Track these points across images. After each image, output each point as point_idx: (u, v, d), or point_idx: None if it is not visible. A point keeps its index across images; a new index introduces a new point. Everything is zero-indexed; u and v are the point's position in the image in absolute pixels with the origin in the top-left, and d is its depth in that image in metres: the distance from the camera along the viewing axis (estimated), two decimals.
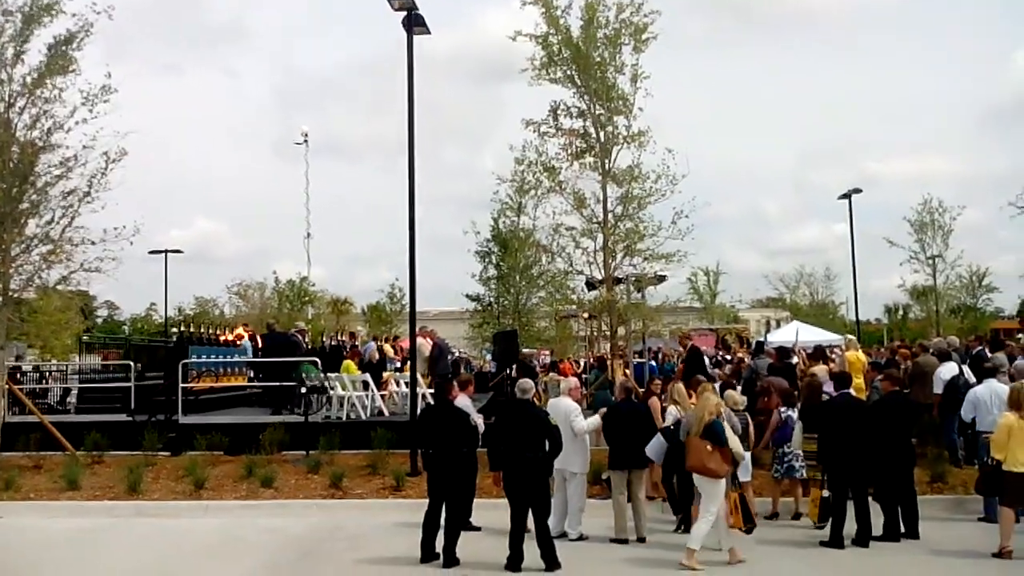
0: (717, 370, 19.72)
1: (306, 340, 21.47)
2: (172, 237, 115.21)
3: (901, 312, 62.46)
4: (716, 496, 9.23)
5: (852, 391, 10.93)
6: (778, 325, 52.17)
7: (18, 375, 21.32)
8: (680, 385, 11.68)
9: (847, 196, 34.87)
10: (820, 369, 13.64)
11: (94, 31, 15.23)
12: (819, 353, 15.70)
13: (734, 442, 9.58)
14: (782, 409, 11.56)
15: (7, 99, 14.95)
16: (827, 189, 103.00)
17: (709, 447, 9.20)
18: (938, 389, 13.31)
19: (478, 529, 10.80)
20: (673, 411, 11.04)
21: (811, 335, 29.55)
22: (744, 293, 67.39)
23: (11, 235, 14.82)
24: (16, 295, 15.32)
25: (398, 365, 21.62)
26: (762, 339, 28.45)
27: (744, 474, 10.54)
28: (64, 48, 15.15)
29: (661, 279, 16.25)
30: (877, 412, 10.63)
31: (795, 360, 18.16)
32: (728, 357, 28.32)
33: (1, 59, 14.91)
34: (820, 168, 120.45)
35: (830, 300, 59.22)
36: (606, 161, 15.55)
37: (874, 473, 10.18)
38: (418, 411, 13.73)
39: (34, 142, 15.04)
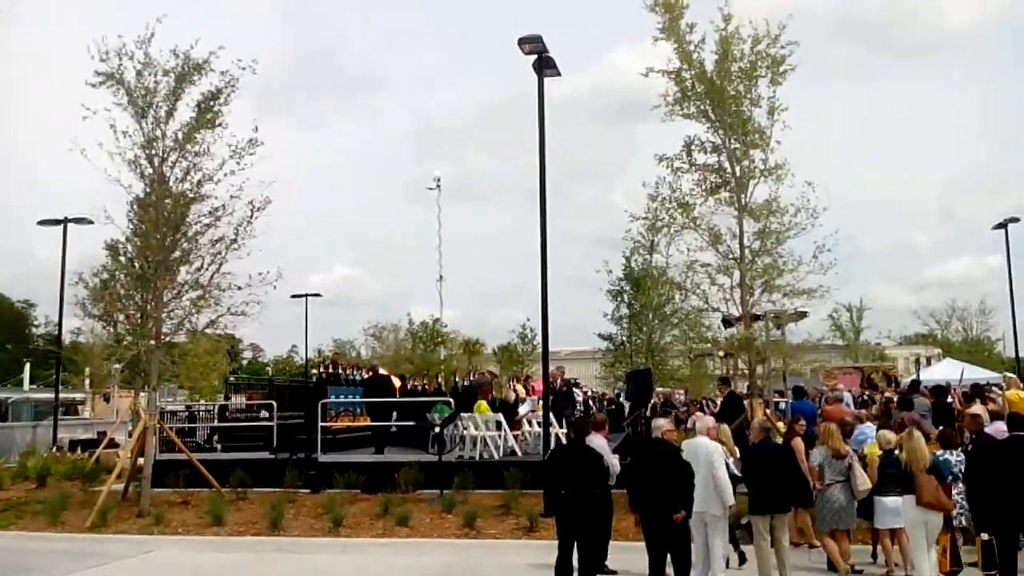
0: (863, 410, 18.71)
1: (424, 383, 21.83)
2: (313, 281, 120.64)
3: None
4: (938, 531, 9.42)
5: None
6: (928, 362, 49.40)
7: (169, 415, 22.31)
8: (725, 426, 11.70)
9: (1003, 226, 33.00)
10: (981, 409, 12.71)
11: (239, 86, 16.04)
12: (977, 392, 14.67)
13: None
14: (938, 452, 10.79)
15: (161, 154, 15.82)
16: (977, 219, 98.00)
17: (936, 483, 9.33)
18: None
19: (614, 573, 10.52)
20: (820, 452, 10.50)
21: (972, 374, 27.86)
22: (891, 329, 64.35)
23: (164, 282, 15.61)
24: (168, 338, 16.07)
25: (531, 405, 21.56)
26: (916, 378, 26.98)
27: (898, 520, 10.00)
28: (212, 103, 15.97)
29: (802, 315, 15.62)
30: None
31: (950, 399, 17.09)
32: (875, 397, 26.94)
33: (156, 117, 15.83)
34: (969, 198, 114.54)
35: (985, 336, 55.86)
36: (742, 196, 15.12)
37: None
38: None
39: (185, 193, 15.86)
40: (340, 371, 22.29)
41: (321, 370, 22.49)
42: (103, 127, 15.46)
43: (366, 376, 22.21)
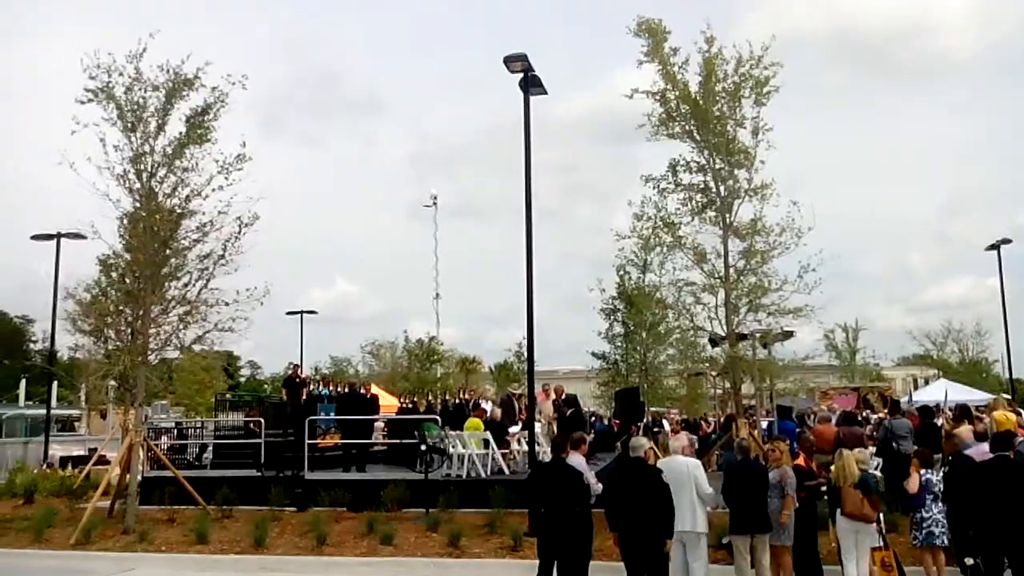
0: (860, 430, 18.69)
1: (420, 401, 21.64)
2: (314, 297, 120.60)
3: None
4: (870, 541, 9.92)
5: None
6: (925, 383, 49.35)
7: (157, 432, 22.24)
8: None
9: (996, 247, 33.08)
10: (964, 430, 12.67)
11: (229, 101, 16.10)
12: (964, 413, 14.65)
13: None
14: (922, 471, 10.78)
15: (150, 169, 15.84)
16: (975, 241, 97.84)
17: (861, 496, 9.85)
18: None
19: None
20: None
21: (960, 394, 27.85)
22: (888, 350, 64.31)
23: (152, 297, 15.62)
24: (155, 355, 16.05)
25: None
26: (899, 399, 27.00)
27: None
28: (201, 118, 16.03)
29: (788, 335, 15.62)
30: None
31: (940, 421, 17.06)
32: (871, 417, 26.92)
33: (145, 132, 15.87)
34: (967, 220, 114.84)
35: (982, 357, 55.67)
36: (727, 215, 15.19)
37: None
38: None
39: (174, 209, 15.89)
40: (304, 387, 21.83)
41: (311, 386, 22.29)
42: (94, 141, 15.54)
43: (339, 391, 22.12)
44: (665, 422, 29.68)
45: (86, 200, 15.37)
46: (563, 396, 21.07)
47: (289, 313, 46.79)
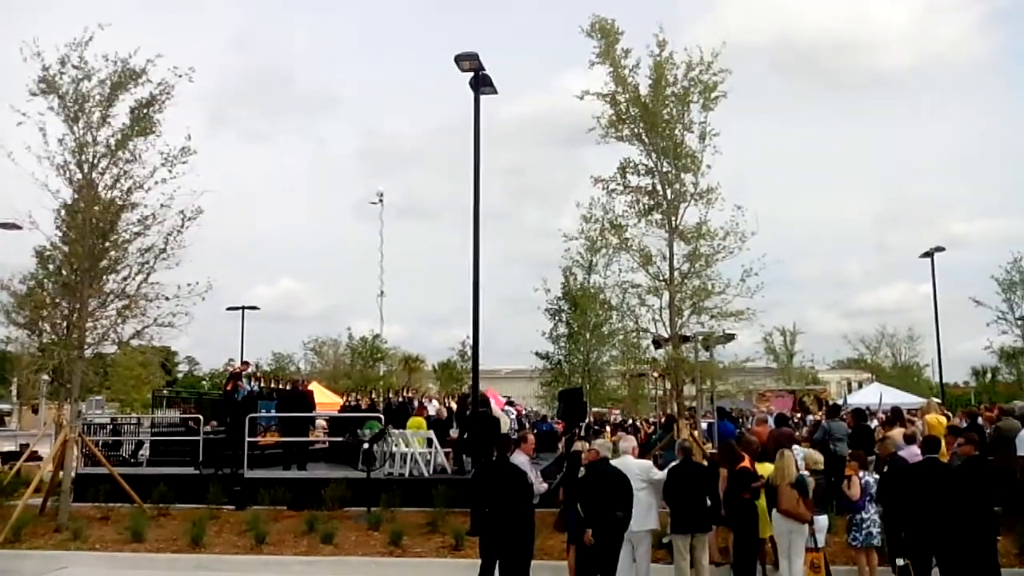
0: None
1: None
2: (259, 294, 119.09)
3: (989, 375, 59.99)
4: (803, 541, 10.05)
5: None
6: (860, 387, 50.58)
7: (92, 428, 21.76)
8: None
9: (929, 255, 33.98)
10: (896, 432, 13.02)
11: (175, 94, 15.85)
12: (896, 416, 15.06)
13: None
14: (861, 474, 11.04)
15: (92, 160, 15.51)
16: (910, 249, 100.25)
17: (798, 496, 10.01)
18: (1022, 452, 12.60)
19: None
20: None
21: (894, 398, 28.59)
22: (825, 354, 65.67)
23: (90, 291, 15.29)
24: (91, 349, 15.71)
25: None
26: (839, 402, 27.60)
27: (820, 539, 10.36)
28: (146, 111, 15.75)
29: (729, 337, 15.82)
30: (960, 477, 10.05)
31: (874, 424, 17.49)
32: (806, 419, 27.51)
33: (88, 123, 15.53)
34: (902, 229, 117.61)
35: (914, 362, 57.32)
36: (673, 218, 15.32)
37: (957, 541, 9.59)
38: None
39: (114, 200, 15.58)
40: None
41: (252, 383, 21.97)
42: (33, 130, 15.17)
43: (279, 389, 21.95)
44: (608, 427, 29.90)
45: (23, 190, 15.00)
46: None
47: (230, 309, 46.03)
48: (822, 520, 10.57)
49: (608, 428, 29.06)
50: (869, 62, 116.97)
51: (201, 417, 19.70)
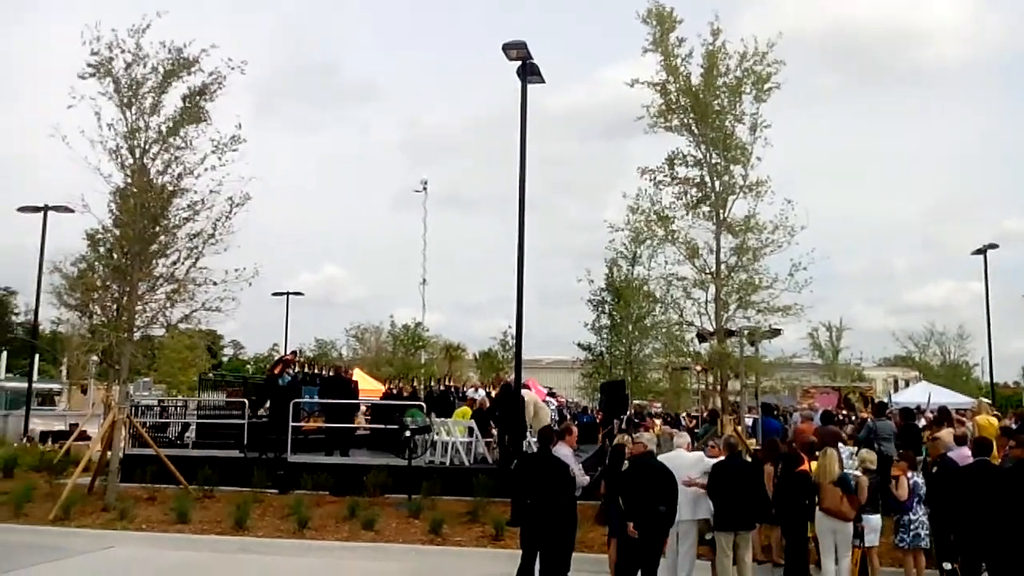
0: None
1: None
2: (303, 280, 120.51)
3: None
4: (848, 539, 9.98)
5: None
6: (907, 385, 49.70)
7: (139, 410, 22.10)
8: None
9: (982, 252, 33.28)
10: (946, 433, 12.75)
11: (226, 84, 16.01)
12: (944, 416, 14.72)
13: None
14: (909, 475, 10.82)
15: (143, 146, 15.71)
16: (960, 246, 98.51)
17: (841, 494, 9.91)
18: None
19: None
20: None
21: (942, 397, 28.06)
22: (871, 351, 64.66)
23: (140, 274, 15.51)
24: (140, 332, 15.95)
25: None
26: (885, 400, 27.12)
27: (872, 538, 10.33)
28: (197, 99, 15.91)
29: (776, 333, 15.62)
30: (1011, 481, 9.80)
31: (922, 423, 17.15)
32: (852, 417, 27.05)
33: (140, 108, 15.72)
34: (952, 225, 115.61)
35: (963, 360, 56.20)
36: (721, 211, 15.13)
37: (1007, 547, 9.35)
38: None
39: (165, 186, 15.77)
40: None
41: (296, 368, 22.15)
42: (87, 115, 15.38)
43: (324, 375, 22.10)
44: (657, 421, 29.67)
45: (77, 174, 15.26)
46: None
47: (275, 294, 46.58)
48: (875, 519, 10.44)
49: (656, 420, 28.78)
50: (923, 54, 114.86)
51: (246, 401, 19.90)
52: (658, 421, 27.36)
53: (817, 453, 10.63)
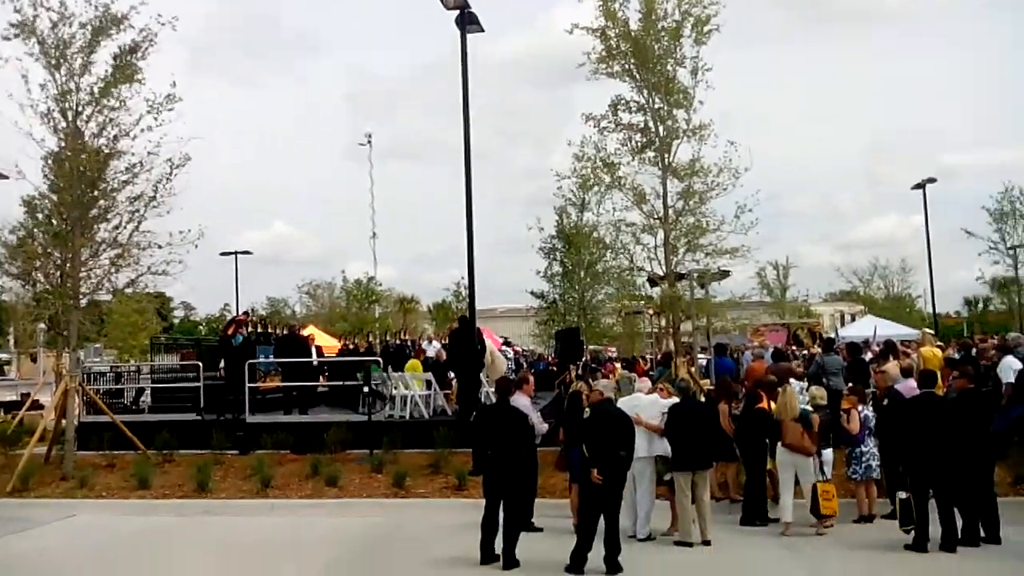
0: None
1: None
2: (250, 239, 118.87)
3: (981, 305, 60.44)
4: (809, 473, 10.42)
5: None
6: (852, 319, 50.87)
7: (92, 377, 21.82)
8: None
9: (921, 186, 33.96)
10: (892, 366, 13.11)
11: (158, 41, 15.55)
12: (889, 349, 15.12)
13: None
14: (860, 408, 11.13)
15: (76, 108, 15.27)
16: (902, 181, 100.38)
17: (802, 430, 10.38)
18: (1006, 379, 12.77)
19: (540, 530, 10.67)
20: None
21: (887, 330, 28.74)
22: (817, 287, 65.91)
23: (81, 240, 15.18)
24: (86, 298, 15.68)
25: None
26: (832, 335, 27.76)
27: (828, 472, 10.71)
28: (129, 58, 15.46)
29: (724, 274, 15.84)
30: (956, 411, 10.15)
31: (868, 356, 17.62)
32: (801, 353, 27.69)
33: (70, 69, 15.24)
34: (894, 161, 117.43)
35: (907, 293, 57.53)
36: (666, 155, 15.18)
37: (954, 475, 9.73)
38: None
39: (101, 149, 15.37)
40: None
41: (250, 329, 21.98)
42: (15, 78, 14.89)
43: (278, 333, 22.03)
44: (618, 365, 30.02)
45: (8, 139, 14.80)
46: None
47: (223, 254, 45.95)
48: (828, 453, 10.82)
49: (616, 363, 29.09)
50: None
51: (200, 363, 19.74)
52: (618, 365, 27.69)
53: (778, 391, 10.91)
